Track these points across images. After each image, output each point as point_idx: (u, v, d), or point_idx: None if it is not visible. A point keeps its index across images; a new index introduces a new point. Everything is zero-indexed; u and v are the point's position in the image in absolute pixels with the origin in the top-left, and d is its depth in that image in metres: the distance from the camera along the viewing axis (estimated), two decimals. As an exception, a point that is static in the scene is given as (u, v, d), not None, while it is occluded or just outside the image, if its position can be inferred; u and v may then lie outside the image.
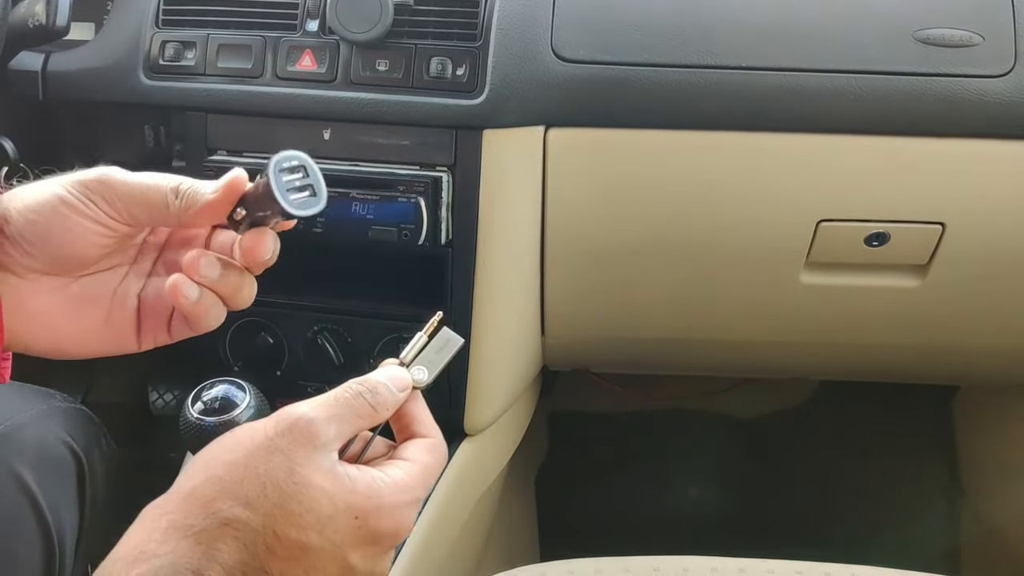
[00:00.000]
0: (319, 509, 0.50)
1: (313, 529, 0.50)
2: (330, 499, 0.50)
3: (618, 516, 1.66)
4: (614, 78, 0.97)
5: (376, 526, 0.52)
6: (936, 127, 0.98)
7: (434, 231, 0.97)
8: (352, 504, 0.51)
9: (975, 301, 1.12)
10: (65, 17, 0.94)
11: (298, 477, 0.50)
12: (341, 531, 0.50)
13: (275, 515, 0.49)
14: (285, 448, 0.51)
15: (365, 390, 0.55)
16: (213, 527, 0.49)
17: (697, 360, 1.31)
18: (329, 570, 0.50)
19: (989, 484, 1.55)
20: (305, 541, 0.49)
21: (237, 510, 0.49)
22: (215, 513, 0.49)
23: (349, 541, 0.51)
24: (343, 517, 0.50)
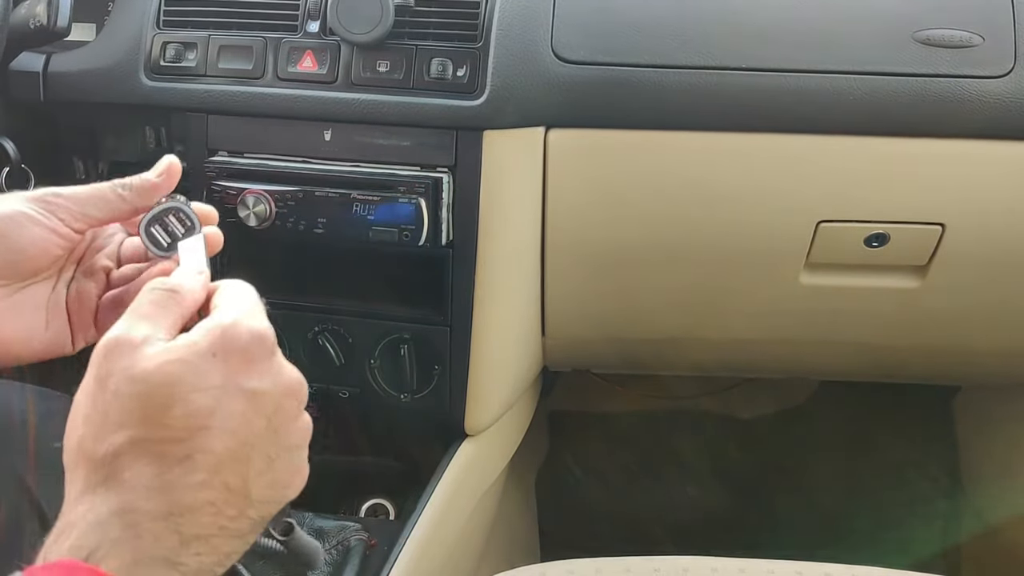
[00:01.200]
0: (177, 374, 0.48)
1: (189, 391, 0.48)
2: (178, 360, 0.48)
3: (618, 516, 1.66)
4: (614, 79, 0.97)
5: (236, 346, 0.50)
6: (936, 128, 0.98)
7: (435, 232, 0.97)
8: (198, 347, 0.49)
9: (975, 301, 1.12)
10: (66, 18, 0.95)
11: (137, 369, 0.48)
12: (212, 374, 0.48)
13: (147, 410, 0.48)
14: (109, 368, 0.49)
15: (159, 283, 0.53)
16: (105, 463, 0.47)
17: (697, 360, 1.31)
18: (237, 411, 0.49)
19: (989, 484, 1.55)
20: (193, 407, 0.48)
21: (116, 438, 0.47)
22: (102, 456, 0.47)
23: (228, 377, 0.49)
24: (202, 364, 0.48)
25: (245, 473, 0.49)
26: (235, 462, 0.49)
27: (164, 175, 0.64)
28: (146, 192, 0.63)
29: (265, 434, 0.50)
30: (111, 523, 0.46)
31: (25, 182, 0.98)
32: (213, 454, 0.48)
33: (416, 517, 0.98)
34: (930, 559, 1.54)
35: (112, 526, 0.46)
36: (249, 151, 1.01)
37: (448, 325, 1.03)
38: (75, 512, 0.47)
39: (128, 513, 0.47)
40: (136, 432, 0.47)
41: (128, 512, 0.47)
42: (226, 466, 0.48)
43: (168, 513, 0.47)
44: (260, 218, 0.98)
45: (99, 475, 0.47)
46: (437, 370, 1.04)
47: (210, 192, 0.98)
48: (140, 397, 0.48)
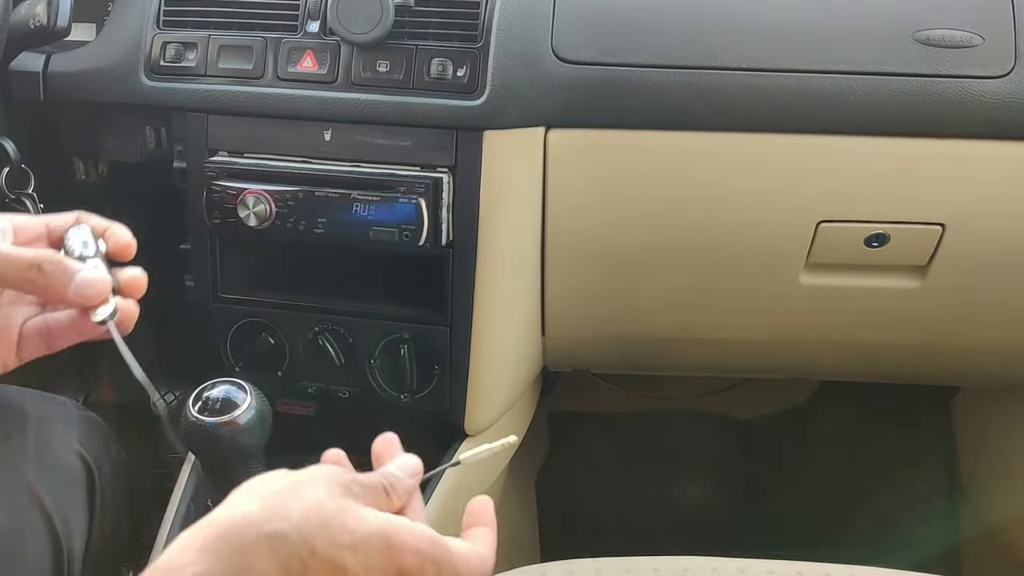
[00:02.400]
0: (357, 530, 0.51)
1: (348, 549, 0.50)
2: (368, 523, 0.51)
3: (618, 516, 1.66)
4: (614, 79, 0.97)
5: (405, 560, 0.52)
6: (936, 128, 0.98)
7: (435, 232, 0.97)
8: (386, 532, 0.52)
9: (975, 302, 1.12)
10: (66, 18, 0.94)
11: (342, 502, 0.51)
12: (373, 556, 0.51)
13: (314, 532, 0.50)
14: (321, 483, 0.52)
15: (382, 474, 0.57)
16: (252, 542, 0.49)
17: (697, 360, 1.31)
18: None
19: (989, 484, 1.55)
20: (340, 561, 0.50)
21: (278, 523, 0.50)
22: (256, 527, 0.50)
23: (378, 568, 0.51)
24: (376, 541, 0.51)
25: None
26: None
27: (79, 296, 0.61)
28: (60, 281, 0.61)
29: None
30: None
31: (25, 182, 0.98)
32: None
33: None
34: (929, 559, 1.54)
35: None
36: (249, 151, 1.01)
37: (448, 325, 1.03)
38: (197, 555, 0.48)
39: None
40: (294, 535, 0.49)
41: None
42: None
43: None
44: (260, 218, 0.98)
45: (240, 541, 0.49)
46: (437, 370, 1.04)
47: (210, 192, 0.98)
48: (324, 515, 0.51)
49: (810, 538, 1.53)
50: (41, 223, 0.66)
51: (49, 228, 0.66)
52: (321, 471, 0.54)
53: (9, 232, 0.64)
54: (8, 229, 0.64)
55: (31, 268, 0.59)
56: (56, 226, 0.66)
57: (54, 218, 0.67)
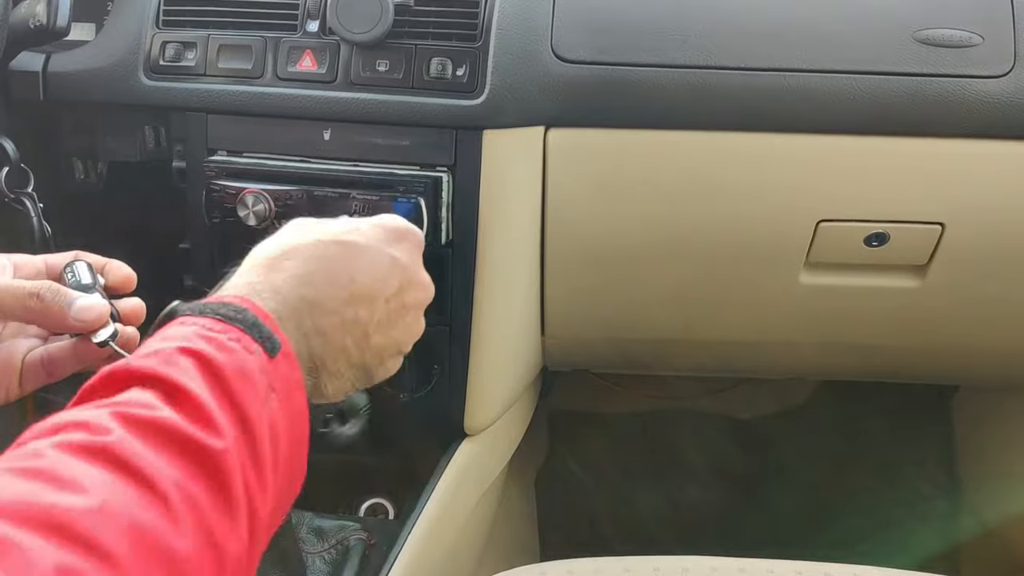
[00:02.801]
0: (344, 223, 0.62)
1: (349, 232, 0.60)
2: (349, 220, 0.62)
3: (618, 516, 1.66)
4: (614, 79, 0.97)
5: (394, 225, 0.63)
6: (936, 127, 0.98)
7: (434, 231, 0.97)
8: (366, 218, 0.63)
9: (974, 301, 1.12)
10: (66, 18, 0.94)
11: (314, 219, 0.62)
12: (370, 231, 0.61)
13: (318, 232, 0.59)
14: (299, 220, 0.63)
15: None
16: (273, 257, 0.57)
17: (697, 360, 1.31)
18: (381, 263, 0.60)
19: (989, 484, 1.55)
20: (350, 240, 0.59)
21: (285, 241, 0.59)
22: (269, 251, 0.58)
23: (382, 238, 0.61)
24: (364, 224, 0.62)
25: (371, 312, 0.58)
26: (366, 299, 0.58)
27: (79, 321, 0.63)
28: (60, 308, 0.63)
29: (393, 294, 0.60)
30: (264, 290, 0.55)
31: (24, 182, 0.98)
32: (354, 282, 0.58)
33: (416, 517, 0.98)
34: (929, 559, 1.54)
35: (265, 292, 0.55)
36: (248, 150, 1.01)
37: (448, 325, 1.03)
38: (228, 287, 0.55)
39: (280, 287, 0.55)
40: (304, 241, 0.58)
41: (280, 287, 0.55)
42: (359, 298, 0.58)
43: (310, 300, 0.56)
44: (259, 217, 0.97)
45: (261, 261, 0.57)
46: (437, 370, 1.04)
47: (209, 191, 0.98)
48: (318, 226, 0.61)
49: (810, 538, 1.53)
50: (39, 260, 0.68)
51: (47, 265, 0.68)
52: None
53: (9, 268, 0.66)
54: (8, 266, 0.66)
55: (30, 297, 0.61)
56: (53, 263, 0.68)
57: (51, 257, 0.69)
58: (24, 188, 0.98)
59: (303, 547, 0.93)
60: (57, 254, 0.69)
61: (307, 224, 0.61)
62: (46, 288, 0.62)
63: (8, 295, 0.61)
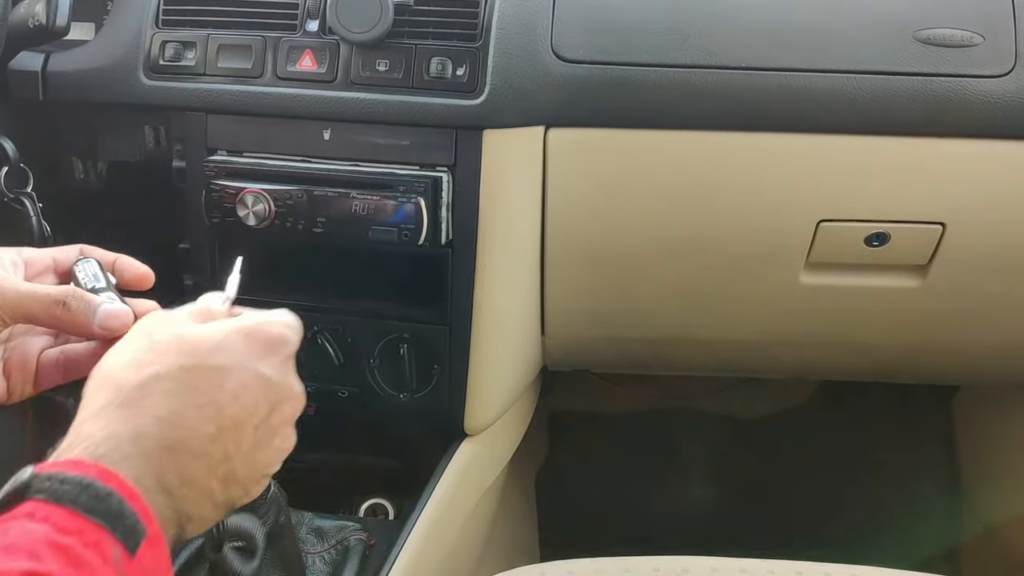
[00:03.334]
0: (212, 336, 0.56)
1: (217, 351, 0.55)
2: (215, 329, 0.57)
3: (618, 516, 1.66)
4: (614, 78, 0.97)
5: (265, 336, 0.58)
6: (936, 127, 0.98)
7: (434, 231, 0.97)
8: (236, 326, 0.57)
9: (975, 301, 1.12)
10: (65, 17, 0.94)
11: (179, 328, 0.57)
12: (239, 347, 0.56)
13: (179, 357, 0.54)
14: (155, 325, 0.57)
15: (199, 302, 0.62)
16: (131, 391, 0.53)
17: (697, 360, 1.31)
18: (250, 385, 0.55)
19: (989, 484, 1.55)
20: (216, 363, 0.55)
21: (144, 371, 0.53)
22: (126, 382, 0.53)
23: (251, 354, 0.56)
24: (234, 336, 0.57)
25: (238, 444, 0.55)
26: (234, 430, 0.54)
27: (104, 328, 0.63)
28: (85, 316, 0.63)
29: (262, 419, 0.56)
30: (124, 440, 0.51)
31: (24, 181, 0.98)
32: (221, 414, 0.54)
33: (415, 517, 0.98)
34: (929, 559, 1.53)
35: (124, 443, 0.51)
36: (248, 150, 1.01)
37: (447, 325, 1.03)
38: (87, 427, 0.52)
39: (142, 437, 0.51)
40: (164, 370, 0.54)
41: (142, 436, 0.51)
42: (227, 430, 0.54)
43: (175, 448, 0.52)
44: (259, 217, 0.97)
45: (121, 398, 0.53)
46: (436, 370, 1.04)
47: (209, 191, 0.98)
48: (177, 344, 0.55)
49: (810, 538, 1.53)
50: (47, 256, 0.68)
51: (55, 261, 0.68)
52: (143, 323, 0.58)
53: (21, 266, 0.66)
54: (20, 263, 0.65)
55: (56, 304, 0.62)
56: (61, 259, 0.68)
57: (58, 251, 0.69)
58: (24, 188, 0.98)
59: (303, 547, 0.93)
60: (64, 248, 0.69)
61: (165, 337, 0.56)
62: (71, 295, 0.62)
63: (33, 302, 0.61)
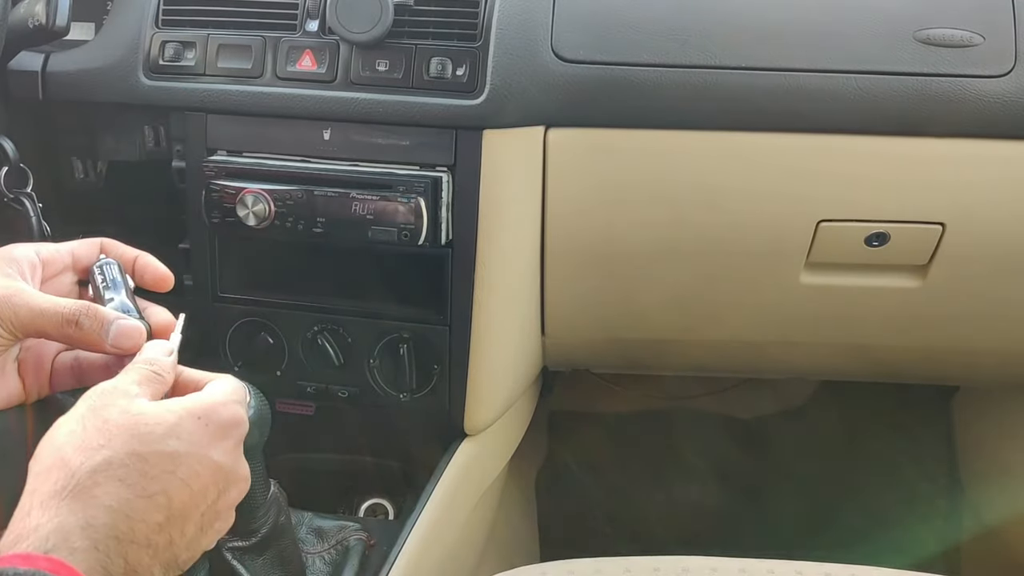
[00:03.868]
0: (166, 420, 0.55)
1: (170, 436, 0.54)
2: (169, 410, 0.55)
3: (618, 516, 1.66)
4: (614, 78, 0.97)
5: (219, 419, 0.57)
6: (936, 127, 0.98)
7: (434, 231, 0.97)
8: (189, 408, 0.56)
9: (975, 301, 1.12)
10: (65, 17, 0.94)
11: (133, 408, 0.55)
12: (193, 432, 0.55)
13: (131, 442, 0.53)
14: (105, 402, 0.55)
15: (148, 361, 0.60)
16: (82, 478, 0.51)
17: (697, 360, 1.31)
18: (201, 473, 0.55)
19: (989, 484, 1.55)
20: (169, 450, 0.54)
21: (97, 456, 0.52)
22: (78, 468, 0.51)
23: (204, 440, 0.56)
24: (188, 421, 0.55)
25: (183, 530, 0.54)
26: (182, 517, 0.54)
27: (117, 348, 0.63)
28: (98, 335, 0.62)
29: (209, 505, 0.56)
30: (74, 533, 0.50)
31: (24, 181, 0.98)
32: (171, 503, 0.53)
33: (415, 517, 0.98)
34: (929, 559, 1.54)
35: (75, 536, 0.50)
36: (248, 150, 1.01)
37: (447, 325, 1.03)
38: (34, 518, 0.50)
39: (90, 528, 0.50)
40: (117, 455, 0.52)
41: (90, 528, 0.50)
42: (176, 518, 0.54)
43: (123, 539, 0.51)
44: (259, 217, 0.97)
45: (71, 484, 0.51)
46: (436, 370, 1.04)
47: (209, 191, 0.98)
48: (129, 427, 0.53)
49: (810, 538, 1.54)
50: (67, 253, 0.67)
51: (74, 257, 0.68)
52: (91, 394, 0.56)
53: (39, 267, 0.65)
54: (37, 264, 0.65)
55: (68, 324, 0.61)
56: (81, 255, 0.68)
57: (79, 246, 0.68)
58: (23, 188, 0.98)
59: (303, 547, 0.93)
60: (84, 241, 0.68)
61: (118, 418, 0.54)
62: (83, 314, 0.61)
63: (46, 322, 0.61)
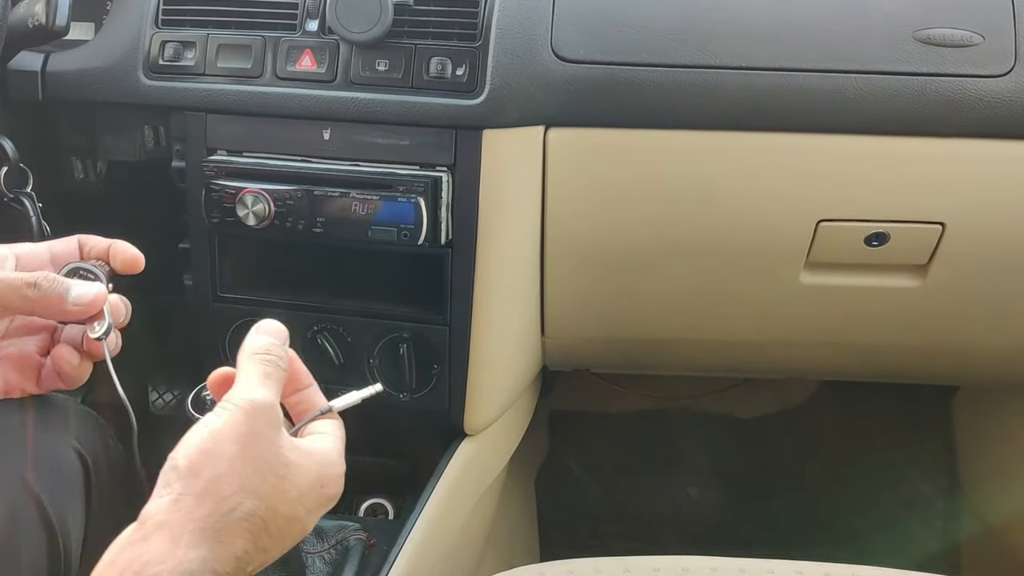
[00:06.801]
0: (301, 484, 0.58)
1: (298, 503, 0.57)
2: (306, 473, 0.58)
3: (618, 516, 1.66)
4: (614, 78, 0.97)
5: (332, 492, 0.61)
6: (936, 127, 0.98)
7: (434, 231, 0.97)
8: (319, 475, 0.59)
9: (975, 301, 1.12)
10: (65, 17, 0.94)
11: (283, 458, 0.57)
12: (312, 499, 0.59)
13: (273, 498, 0.56)
14: (263, 432, 0.57)
15: (269, 355, 0.62)
16: (233, 524, 0.54)
17: (697, 360, 1.31)
18: (296, 536, 0.58)
19: (989, 484, 1.55)
20: (292, 514, 0.57)
21: (249, 503, 0.55)
22: (234, 509, 0.54)
23: (316, 511, 0.59)
24: (315, 488, 0.59)
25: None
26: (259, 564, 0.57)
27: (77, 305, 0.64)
28: (57, 294, 0.63)
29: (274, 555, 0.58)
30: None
31: (24, 181, 0.98)
32: (267, 555, 0.56)
33: (415, 517, 0.98)
34: (929, 559, 1.54)
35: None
36: (248, 150, 1.01)
37: (447, 324, 1.03)
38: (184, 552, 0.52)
39: (214, 574, 0.53)
40: (259, 509, 0.55)
41: (215, 573, 0.53)
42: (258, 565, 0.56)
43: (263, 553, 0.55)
44: (259, 217, 0.97)
45: (220, 525, 0.54)
46: (436, 369, 1.04)
47: (209, 191, 0.98)
48: (276, 483, 0.56)
49: (810, 538, 1.54)
50: (43, 250, 0.69)
51: (52, 253, 0.69)
52: (251, 411, 0.57)
53: (10, 259, 0.66)
54: (9, 257, 0.66)
55: (27, 286, 0.62)
56: (59, 252, 0.69)
57: (56, 244, 0.69)
58: (23, 188, 0.98)
59: (303, 547, 0.93)
60: (61, 240, 0.69)
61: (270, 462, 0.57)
62: (42, 277, 0.62)
63: (5, 287, 0.62)
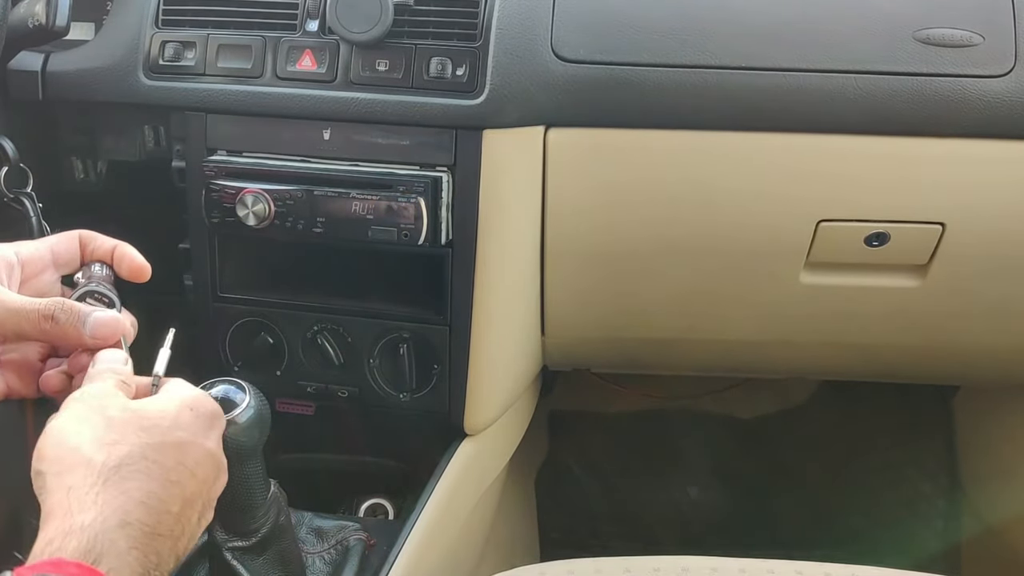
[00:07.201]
0: (167, 412, 0.58)
1: (175, 428, 0.58)
2: (165, 403, 0.59)
3: (618, 516, 1.66)
4: (614, 78, 0.97)
5: (206, 409, 0.61)
6: (936, 127, 0.98)
7: (434, 231, 0.97)
8: (180, 399, 0.60)
9: (975, 301, 1.12)
10: (65, 17, 0.94)
11: (130, 405, 0.58)
12: (190, 422, 0.59)
13: (142, 435, 0.56)
14: (101, 403, 0.57)
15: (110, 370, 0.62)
16: (110, 473, 0.53)
17: (697, 360, 1.31)
18: (202, 461, 0.58)
19: (989, 484, 1.55)
20: (177, 440, 0.57)
21: (116, 451, 0.54)
22: (103, 464, 0.54)
23: (200, 429, 0.59)
24: (184, 412, 0.59)
25: (190, 518, 0.57)
26: (190, 506, 0.57)
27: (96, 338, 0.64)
28: (75, 328, 0.64)
29: (209, 489, 0.59)
30: (118, 534, 0.51)
31: (24, 181, 0.98)
32: (184, 491, 0.56)
33: (415, 517, 0.98)
34: (929, 558, 1.54)
35: (120, 537, 0.51)
36: (248, 150, 1.01)
37: (447, 324, 1.03)
38: (80, 517, 0.51)
39: (128, 525, 0.52)
40: (134, 449, 0.55)
41: (128, 524, 0.52)
42: (186, 506, 0.56)
43: (153, 533, 0.53)
44: (259, 217, 0.97)
45: (101, 479, 0.53)
46: (436, 370, 1.04)
47: (209, 191, 0.98)
48: (135, 422, 0.56)
49: (810, 538, 1.54)
50: (46, 250, 0.68)
51: (54, 254, 0.68)
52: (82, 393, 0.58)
53: (17, 269, 0.65)
54: (15, 263, 0.65)
55: (45, 319, 0.62)
56: (60, 251, 0.68)
57: (57, 242, 0.69)
58: (23, 188, 0.98)
59: (303, 547, 0.93)
60: (61, 235, 0.69)
61: (120, 414, 0.57)
62: (58, 308, 0.62)
63: (23, 320, 0.62)
